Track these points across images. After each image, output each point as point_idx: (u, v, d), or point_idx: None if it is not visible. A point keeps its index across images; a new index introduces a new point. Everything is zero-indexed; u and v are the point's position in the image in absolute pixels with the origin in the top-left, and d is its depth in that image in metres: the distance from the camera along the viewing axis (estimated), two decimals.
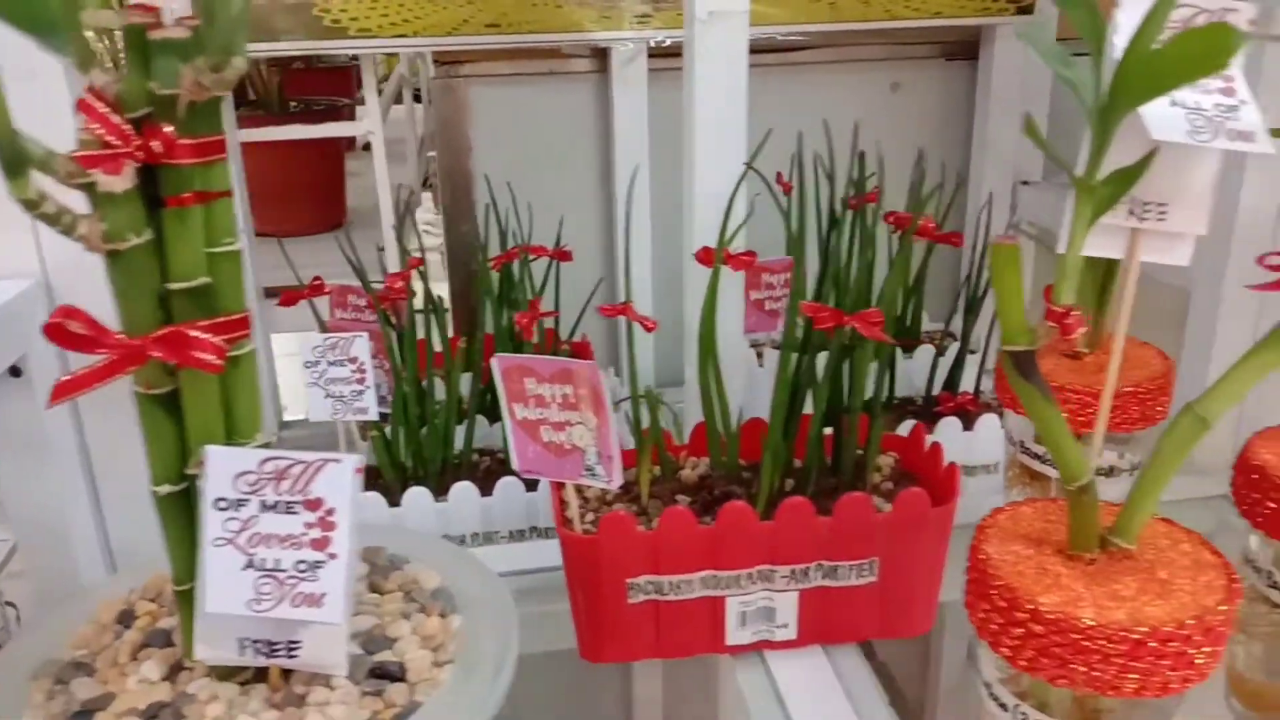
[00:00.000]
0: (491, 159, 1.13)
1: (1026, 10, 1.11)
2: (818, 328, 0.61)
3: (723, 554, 0.62)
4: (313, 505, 0.43)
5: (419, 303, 0.88)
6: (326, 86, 1.57)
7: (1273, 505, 0.53)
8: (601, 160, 1.15)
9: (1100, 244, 0.44)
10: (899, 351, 0.99)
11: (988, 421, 0.83)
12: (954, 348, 0.93)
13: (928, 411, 0.94)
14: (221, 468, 0.44)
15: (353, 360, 0.77)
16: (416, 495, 0.80)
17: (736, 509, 0.61)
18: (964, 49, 1.18)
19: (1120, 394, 0.63)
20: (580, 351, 1.04)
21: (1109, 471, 0.66)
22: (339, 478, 0.42)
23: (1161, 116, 0.39)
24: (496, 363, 0.60)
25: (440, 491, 0.81)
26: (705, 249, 0.67)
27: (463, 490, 0.80)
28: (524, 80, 1.12)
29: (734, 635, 0.65)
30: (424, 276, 0.92)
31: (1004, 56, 1.13)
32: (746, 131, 0.73)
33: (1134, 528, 0.45)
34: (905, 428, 0.75)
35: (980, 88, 1.17)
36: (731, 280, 0.68)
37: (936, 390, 0.94)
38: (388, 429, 0.83)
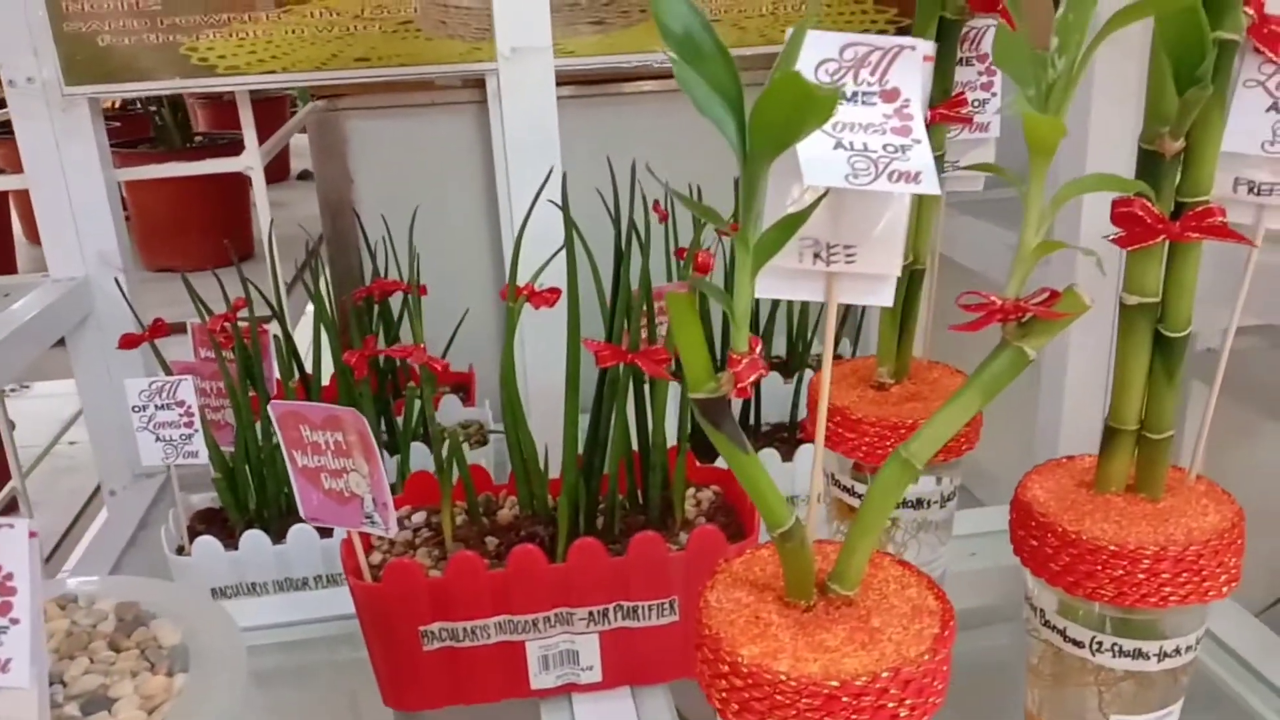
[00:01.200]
0: (373, 191, 1.12)
1: (905, 31, 1.11)
2: (600, 365, 0.61)
3: (515, 598, 0.62)
4: None
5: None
6: (259, 118, 1.57)
7: (1035, 542, 0.52)
8: (486, 188, 1.14)
9: (797, 288, 0.43)
10: (779, 377, 0.99)
11: (807, 453, 0.82)
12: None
13: (792, 438, 0.94)
14: None
15: (180, 404, 0.77)
16: (253, 539, 0.79)
17: (525, 552, 0.60)
18: None
19: (914, 426, 0.62)
20: (463, 381, 1.03)
21: (917, 503, 0.65)
22: (16, 543, 0.41)
23: (819, 160, 0.38)
24: (272, 409, 0.59)
25: (284, 533, 0.80)
26: (506, 286, 0.66)
27: (300, 533, 0.79)
28: (403, 112, 1.12)
29: (538, 679, 0.64)
30: (280, 315, 0.91)
31: None
32: (561, 160, 0.72)
33: (851, 573, 0.44)
34: None
35: None
36: (538, 317, 0.67)
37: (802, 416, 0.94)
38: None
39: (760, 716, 0.41)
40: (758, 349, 0.41)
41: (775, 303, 0.97)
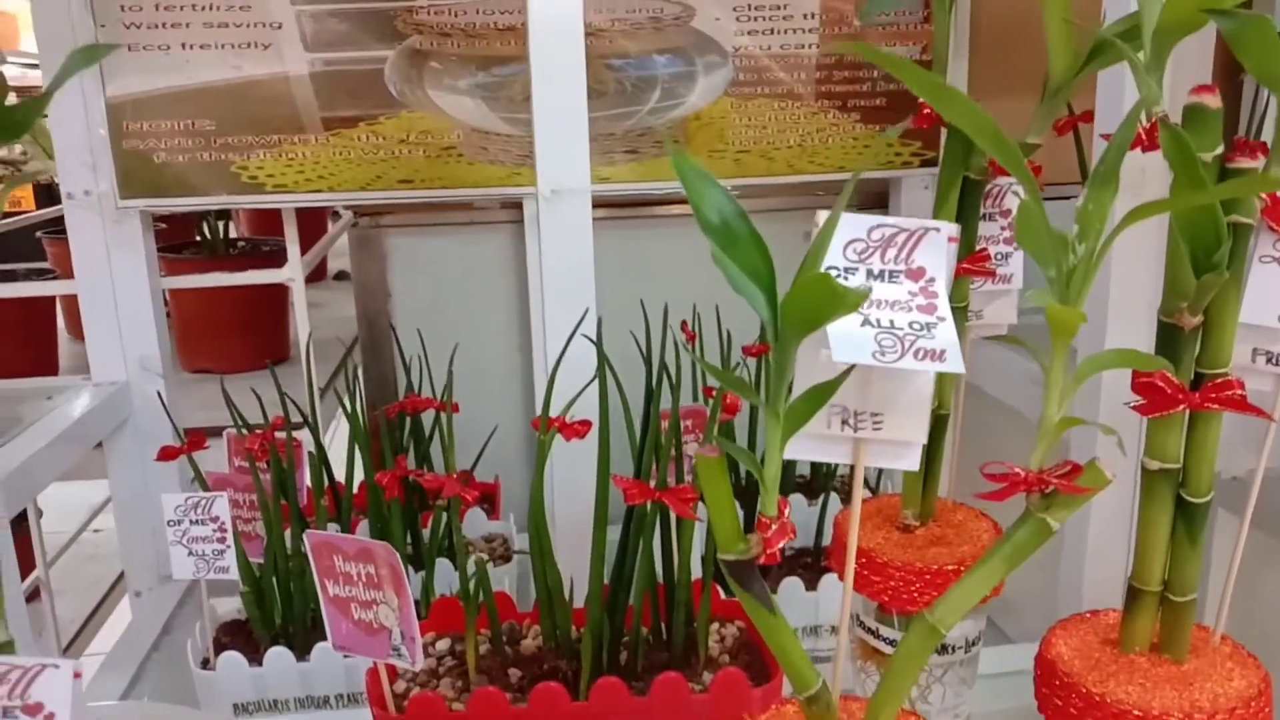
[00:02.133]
0: (409, 305, 1.15)
1: (930, 163, 1.14)
2: (628, 503, 0.62)
3: None
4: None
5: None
6: (300, 224, 1.61)
7: (1059, 702, 0.52)
8: (519, 305, 1.17)
9: (825, 451, 0.44)
10: (803, 499, 0.99)
11: (831, 582, 0.82)
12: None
13: (816, 565, 0.94)
14: None
15: (214, 519, 0.78)
16: (277, 655, 0.79)
17: (548, 691, 0.61)
18: (875, 199, 1.20)
19: (942, 571, 0.63)
20: (489, 492, 1.04)
21: (942, 649, 0.65)
22: (60, 684, 0.43)
23: (848, 336, 0.40)
24: (307, 539, 0.60)
25: (308, 650, 0.81)
26: (536, 418, 0.68)
27: (325, 651, 0.80)
28: (442, 230, 1.15)
29: None
30: (314, 427, 0.93)
31: (912, 205, 1.16)
32: (593, 290, 0.74)
33: None
34: None
35: None
36: (567, 447, 0.69)
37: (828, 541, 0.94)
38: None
39: None
40: (786, 512, 0.42)
41: None
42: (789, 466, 0.97)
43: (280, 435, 0.87)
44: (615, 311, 0.77)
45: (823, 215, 0.42)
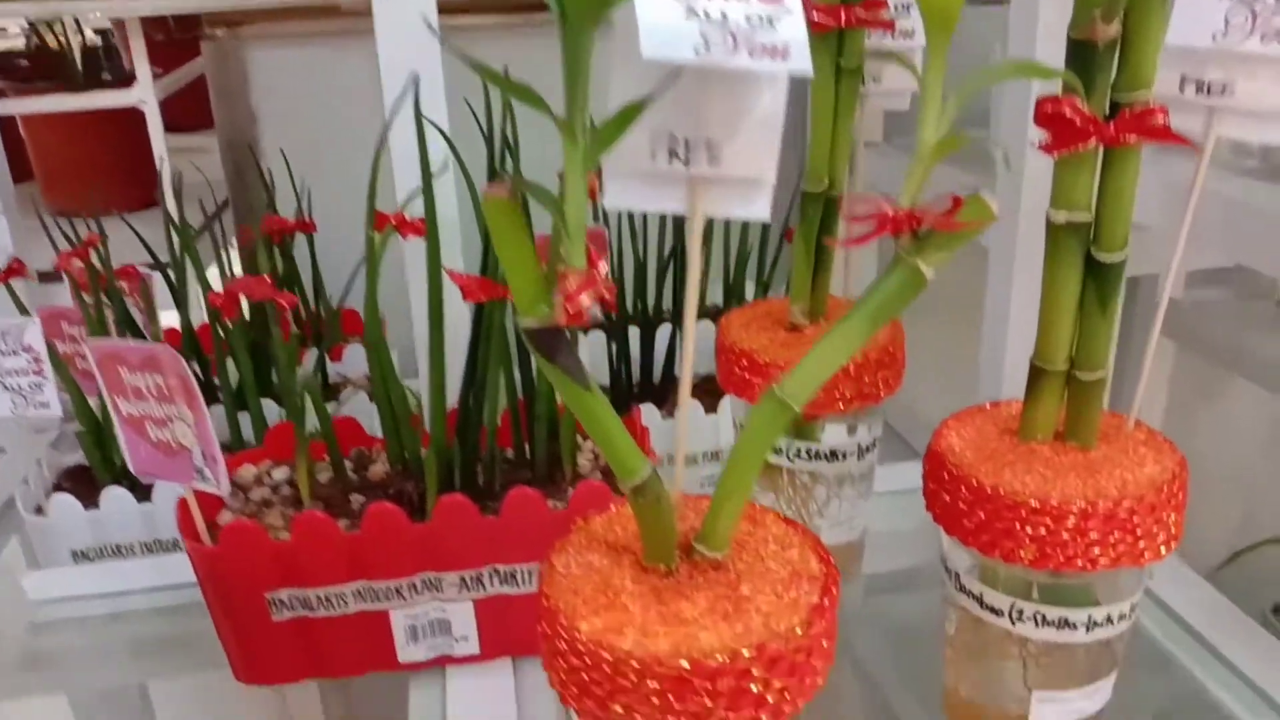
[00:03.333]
0: (279, 128, 1.04)
1: None
2: (466, 300, 0.53)
3: (374, 562, 0.55)
4: None
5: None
6: (176, 58, 1.46)
7: (948, 497, 0.46)
8: None
9: (654, 196, 0.36)
10: (705, 324, 0.92)
11: (727, 403, 0.75)
12: None
13: (717, 389, 0.87)
14: None
15: (28, 349, 0.69)
16: (116, 497, 0.72)
17: (382, 511, 0.53)
18: None
19: (849, 366, 0.55)
20: (347, 321, 0.95)
21: (831, 455, 0.59)
22: None
23: (664, 30, 0.31)
24: (89, 348, 0.51)
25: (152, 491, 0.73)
26: (379, 214, 0.59)
27: (171, 490, 0.72)
28: (311, 40, 1.03)
29: (405, 651, 0.58)
30: (164, 265, 0.83)
31: None
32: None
33: (718, 531, 0.38)
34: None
35: None
36: (416, 247, 0.60)
37: None
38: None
39: (601, 702, 0.35)
40: (600, 267, 0.34)
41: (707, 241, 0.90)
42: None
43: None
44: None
45: None
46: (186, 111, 1.50)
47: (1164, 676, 0.59)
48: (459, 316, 0.66)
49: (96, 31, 1.47)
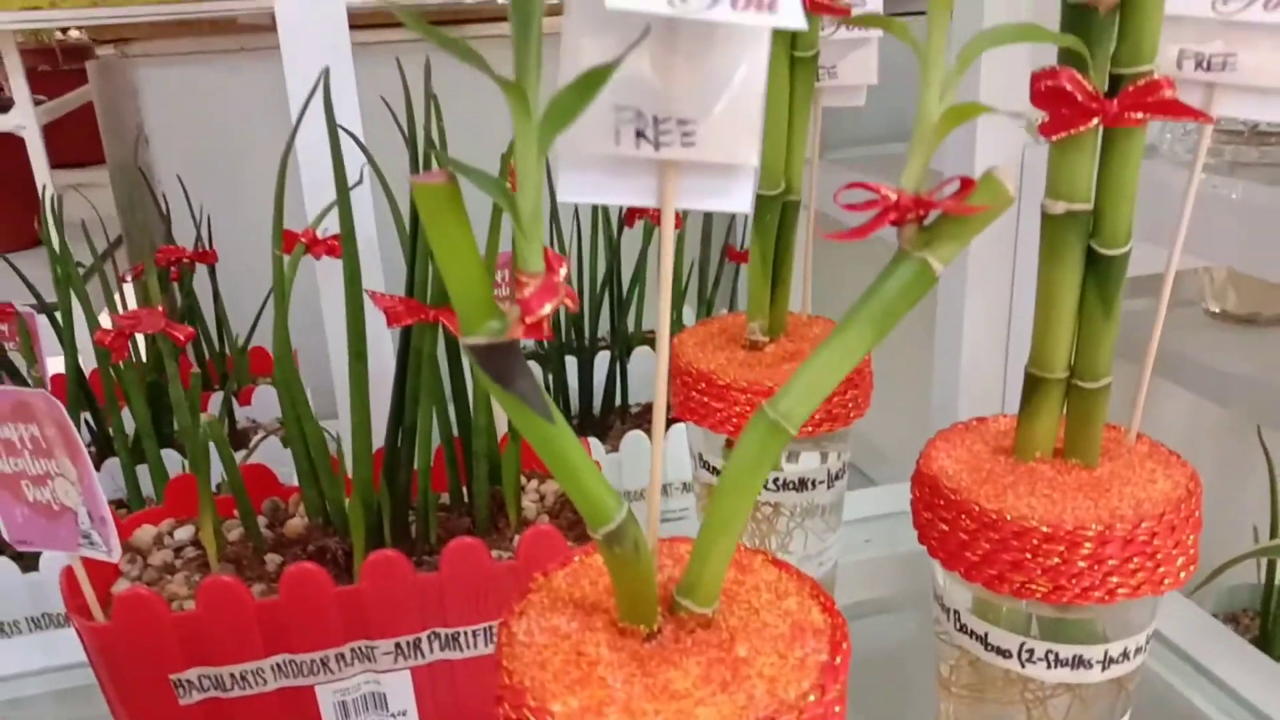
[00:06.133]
0: (172, 152, 0.96)
1: None
2: (390, 325, 0.47)
3: (295, 632, 0.48)
4: None
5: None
6: (64, 84, 1.37)
7: (945, 526, 0.41)
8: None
9: (620, 186, 0.31)
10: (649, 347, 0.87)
11: (679, 432, 0.70)
12: None
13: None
14: None
15: None
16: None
17: (302, 573, 0.47)
18: None
19: None
20: (255, 360, 0.88)
21: (800, 484, 0.54)
22: None
23: None
24: None
25: (38, 559, 0.65)
26: (288, 233, 0.52)
27: (58, 559, 0.64)
28: (202, 59, 0.96)
29: None
30: (49, 307, 0.75)
31: None
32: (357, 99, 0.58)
33: (706, 582, 0.32)
34: None
35: None
36: (331, 269, 0.54)
37: None
38: None
39: None
40: (560, 270, 0.29)
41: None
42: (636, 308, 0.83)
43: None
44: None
45: None
46: (75, 144, 1.41)
47: (1167, 709, 0.55)
48: (382, 346, 0.60)
49: None
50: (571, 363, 0.79)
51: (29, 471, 0.44)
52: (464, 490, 0.55)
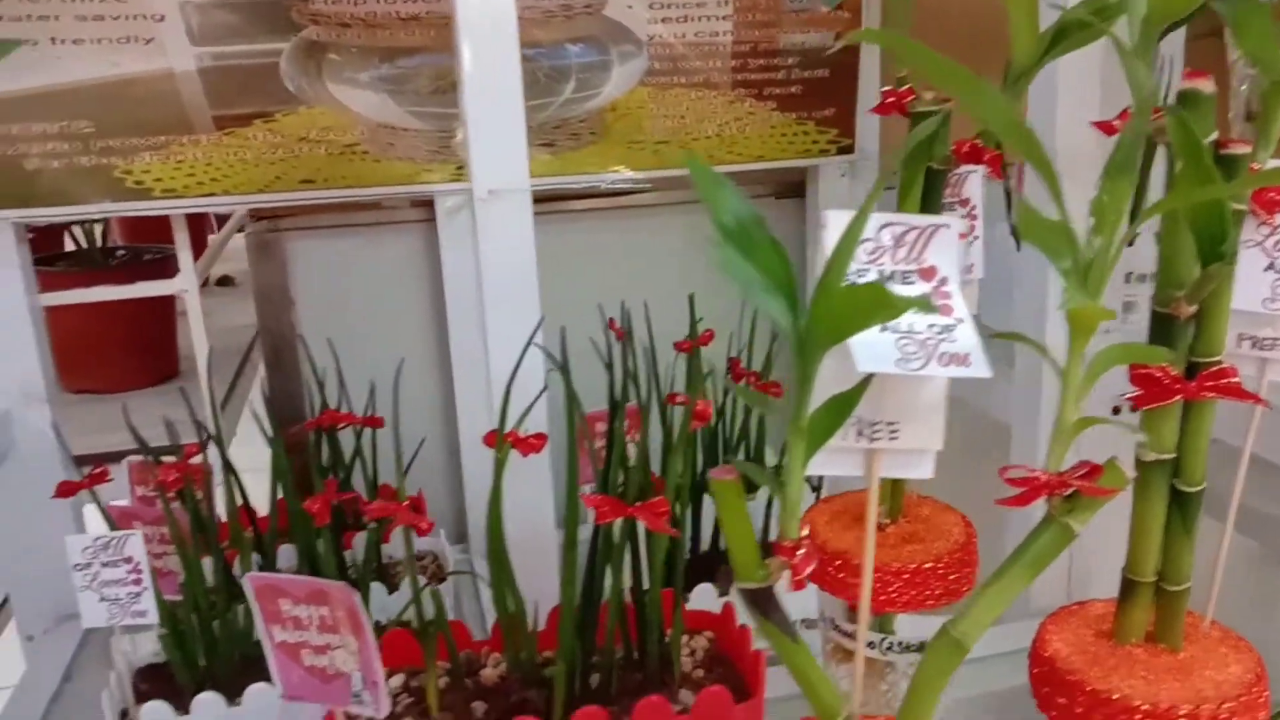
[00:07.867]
0: (315, 314, 1.09)
1: (847, 150, 1.13)
2: (599, 522, 0.58)
3: None
4: None
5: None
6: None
7: (1064, 700, 0.51)
8: (432, 308, 1.12)
9: (836, 463, 0.42)
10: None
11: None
12: None
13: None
14: None
15: (128, 560, 0.71)
16: (206, 703, 0.73)
17: None
18: (792, 188, 1.19)
19: (920, 570, 0.61)
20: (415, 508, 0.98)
21: (920, 647, 0.64)
22: None
23: (869, 345, 0.38)
24: (248, 583, 0.55)
25: (239, 693, 0.75)
26: (490, 433, 0.64)
27: (259, 693, 0.74)
28: (347, 231, 1.09)
29: None
30: (222, 449, 0.86)
31: (830, 194, 1.15)
32: (538, 295, 0.70)
33: None
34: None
35: (809, 224, 1.18)
36: (525, 464, 0.65)
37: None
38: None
39: None
40: (805, 529, 0.40)
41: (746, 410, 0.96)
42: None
43: (195, 460, 0.80)
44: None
45: (833, 215, 0.39)
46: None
47: None
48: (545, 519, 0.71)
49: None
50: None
51: (311, 642, 0.55)
52: (631, 646, 0.66)
